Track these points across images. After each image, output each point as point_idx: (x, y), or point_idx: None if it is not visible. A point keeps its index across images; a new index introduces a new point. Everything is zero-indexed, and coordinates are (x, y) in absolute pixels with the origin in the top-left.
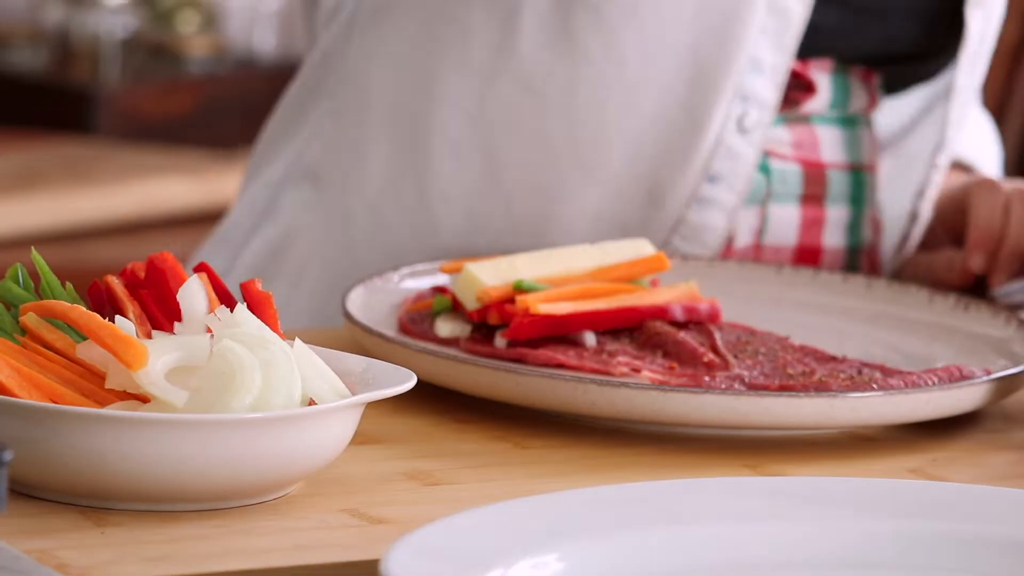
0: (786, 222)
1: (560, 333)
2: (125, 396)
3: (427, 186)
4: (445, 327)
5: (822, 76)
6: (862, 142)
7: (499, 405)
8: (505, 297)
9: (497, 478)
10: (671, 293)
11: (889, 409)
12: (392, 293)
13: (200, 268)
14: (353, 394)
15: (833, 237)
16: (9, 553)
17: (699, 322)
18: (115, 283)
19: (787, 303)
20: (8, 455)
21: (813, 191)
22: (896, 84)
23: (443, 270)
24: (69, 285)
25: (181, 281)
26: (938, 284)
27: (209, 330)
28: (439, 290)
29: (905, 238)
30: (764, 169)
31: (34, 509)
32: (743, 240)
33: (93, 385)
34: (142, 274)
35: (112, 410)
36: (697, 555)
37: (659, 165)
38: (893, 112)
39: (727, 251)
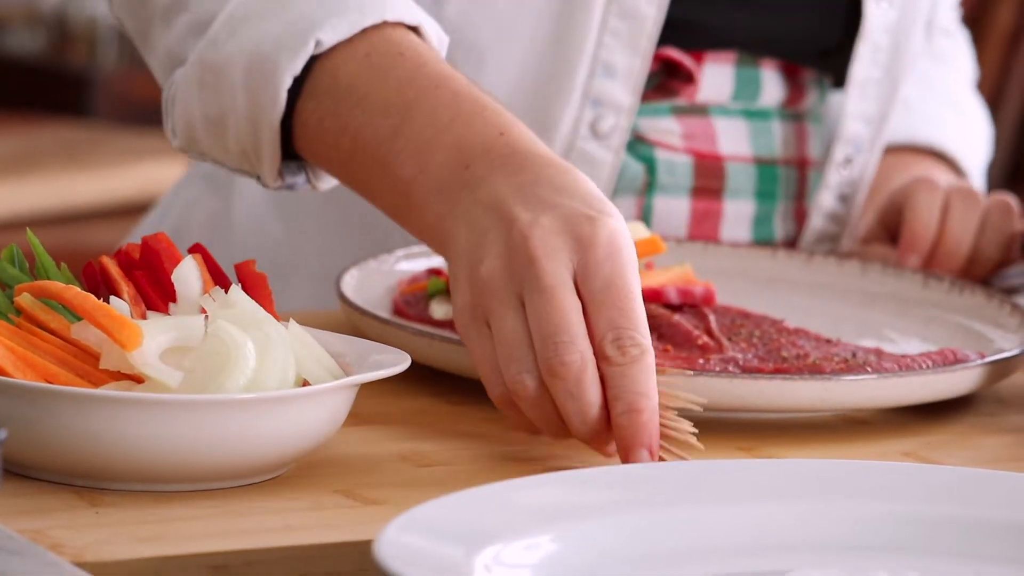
0: (675, 214)
1: None
2: (119, 376)
3: None
4: (440, 309)
5: (723, 68)
6: (774, 136)
7: None
8: None
9: (490, 459)
10: (665, 276)
11: (883, 392)
12: (387, 275)
13: (195, 249)
14: (347, 375)
15: (734, 231)
16: (3, 533)
17: (693, 305)
18: (110, 264)
19: (781, 286)
20: (2, 435)
21: (706, 183)
22: (840, 79)
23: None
24: (64, 266)
25: (176, 262)
26: None
27: (203, 311)
28: (434, 272)
29: (833, 235)
30: (647, 159)
31: (28, 489)
32: None
33: (87, 365)
34: (137, 255)
35: (106, 390)
36: (691, 537)
37: None
38: None
39: None
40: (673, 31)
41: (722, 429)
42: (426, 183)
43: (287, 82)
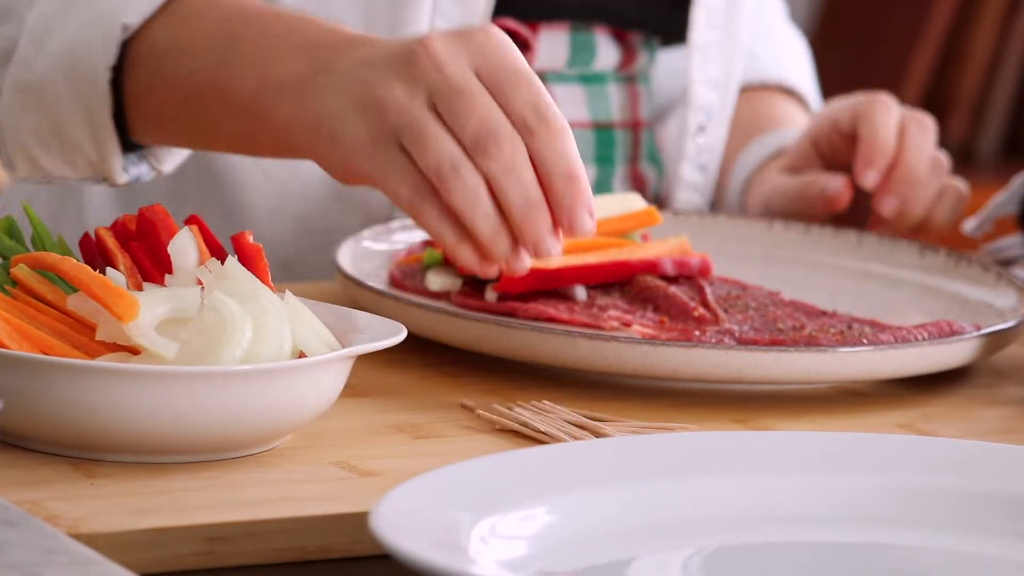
0: None
1: (551, 287)
2: (115, 348)
3: None
4: (436, 280)
5: (558, 35)
6: (610, 99)
7: (489, 358)
8: None
9: (487, 431)
10: (662, 247)
11: (879, 364)
12: (384, 245)
13: (191, 220)
14: (343, 347)
15: None
16: None
17: (690, 277)
18: (106, 235)
19: (778, 258)
20: None
21: None
22: (668, 38)
23: None
24: (60, 236)
25: (172, 233)
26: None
27: (200, 283)
28: (430, 243)
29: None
30: None
31: (24, 460)
32: None
33: (84, 337)
34: (133, 226)
35: (102, 362)
36: (686, 509)
37: None
38: None
39: None
40: (505, 4)
41: (718, 401)
42: (275, 87)
43: (107, 75)
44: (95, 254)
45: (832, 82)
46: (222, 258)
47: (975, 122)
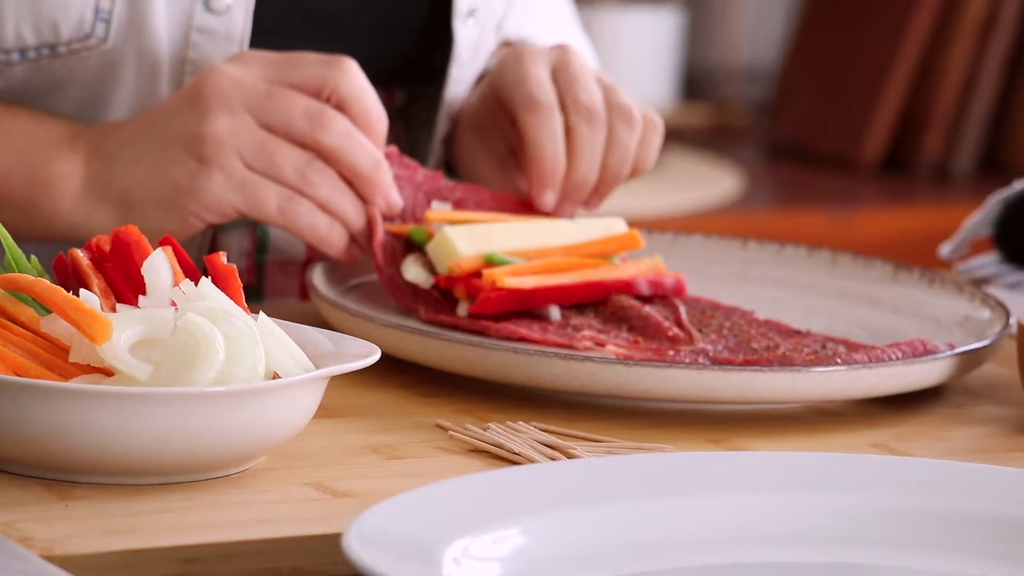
0: None
1: (526, 307)
2: (89, 370)
3: None
4: (412, 270)
5: None
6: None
7: (464, 379)
8: (475, 269)
9: (460, 452)
10: (636, 267)
11: (853, 384)
12: (357, 266)
13: (165, 242)
14: (317, 368)
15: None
16: None
17: (664, 296)
18: (80, 256)
19: (752, 277)
20: None
21: None
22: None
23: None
24: (34, 258)
25: (146, 254)
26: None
27: (173, 303)
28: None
29: None
30: None
31: None
32: None
33: (57, 358)
34: (107, 247)
35: (76, 384)
36: (661, 529)
37: None
38: None
39: None
40: None
41: (692, 421)
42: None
43: None
44: (69, 275)
45: (809, 99)
46: (196, 279)
47: (951, 140)
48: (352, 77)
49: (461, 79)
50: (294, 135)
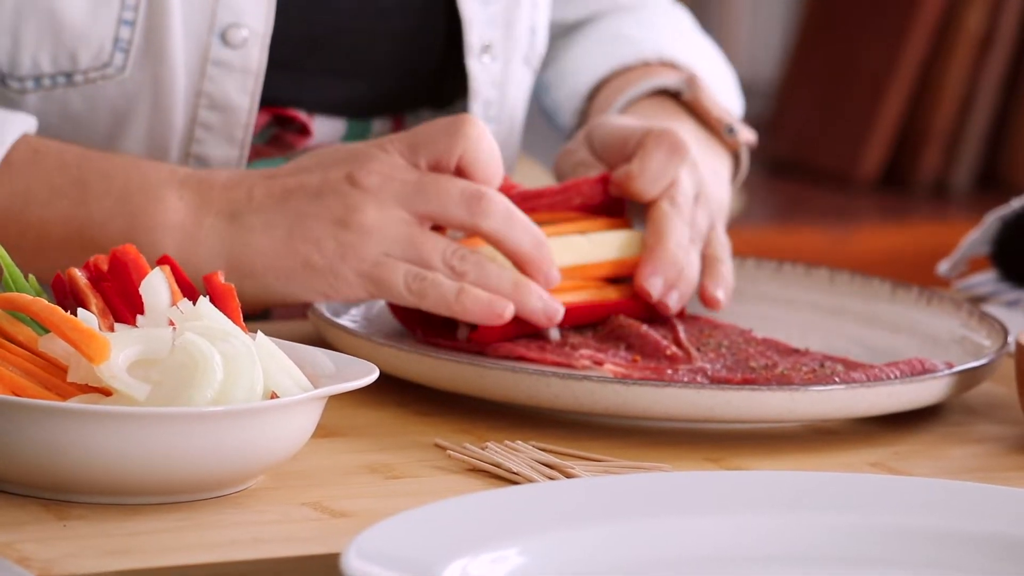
0: None
1: (527, 331)
2: (87, 389)
3: None
4: None
5: (334, 122)
6: None
7: (462, 398)
8: None
9: (459, 471)
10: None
11: (851, 402)
12: None
13: (163, 261)
14: (315, 387)
15: None
16: None
17: (662, 315)
18: (78, 276)
19: (750, 296)
20: None
21: None
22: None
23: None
24: (32, 278)
25: (144, 274)
26: None
27: (171, 323)
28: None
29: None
30: None
31: None
32: None
33: (55, 378)
34: (105, 267)
35: (74, 403)
36: (659, 549)
37: None
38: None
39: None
40: (276, 104)
41: (690, 440)
42: (154, 227)
43: None
44: (67, 295)
45: (806, 115)
46: (194, 298)
47: (949, 156)
48: (476, 141)
49: (497, 117)
50: (452, 222)
